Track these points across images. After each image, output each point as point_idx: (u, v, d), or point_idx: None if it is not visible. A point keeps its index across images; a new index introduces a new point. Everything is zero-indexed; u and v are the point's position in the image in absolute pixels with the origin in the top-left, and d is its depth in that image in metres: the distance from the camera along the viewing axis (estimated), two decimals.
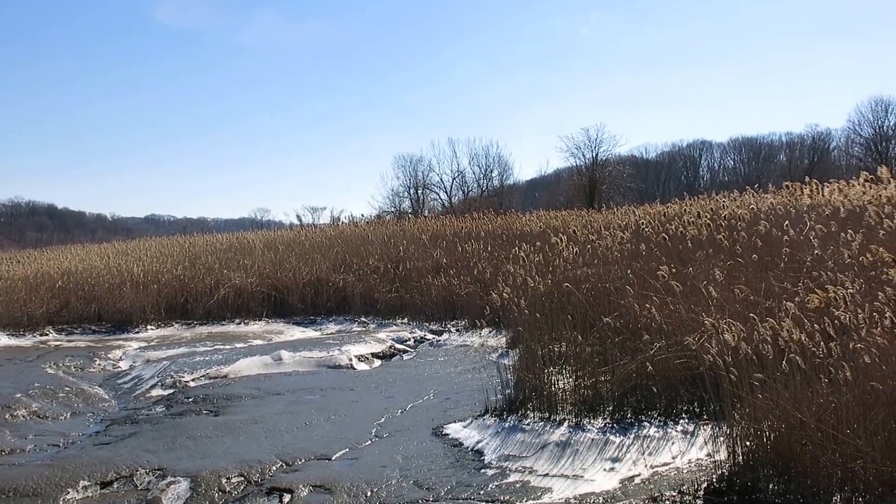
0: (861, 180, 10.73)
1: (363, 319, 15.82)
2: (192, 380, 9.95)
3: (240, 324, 15.98)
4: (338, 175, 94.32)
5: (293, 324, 15.85)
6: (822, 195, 11.06)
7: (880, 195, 9.24)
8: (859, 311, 5.29)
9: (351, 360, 11.01)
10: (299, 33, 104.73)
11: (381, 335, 13.14)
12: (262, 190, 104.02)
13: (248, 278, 17.43)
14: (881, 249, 6.04)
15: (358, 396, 8.75)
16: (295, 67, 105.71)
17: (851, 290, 5.60)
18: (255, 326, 15.63)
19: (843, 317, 5.27)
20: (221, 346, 12.60)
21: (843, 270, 6.33)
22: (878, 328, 5.03)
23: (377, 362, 11.26)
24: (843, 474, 4.67)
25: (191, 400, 8.82)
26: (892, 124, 53.42)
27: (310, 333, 14.48)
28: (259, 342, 13.24)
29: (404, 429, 7.15)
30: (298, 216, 47.00)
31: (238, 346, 12.67)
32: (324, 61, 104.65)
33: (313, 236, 22.89)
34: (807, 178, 12.45)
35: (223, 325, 15.98)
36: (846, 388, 4.86)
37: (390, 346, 12.17)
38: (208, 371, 10.33)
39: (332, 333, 14.31)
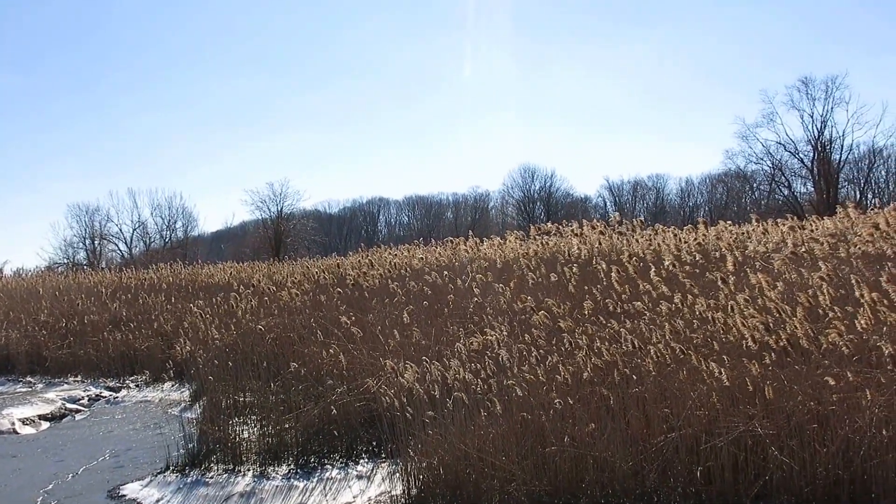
0: (513, 238, 12.27)
1: (29, 379, 14.25)
2: None
3: None
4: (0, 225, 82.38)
5: None
6: (482, 250, 12.35)
7: (532, 250, 10.62)
8: (514, 349, 6.07)
9: (13, 423, 9.86)
10: None
11: (51, 395, 11.92)
12: None
13: None
14: (528, 298, 6.99)
15: (22, 463, 7.90)
16: None
17: (505, 333, 6.40)
18: None
19: (501, 356, 6.02)
20: None
21: (499, 315, 7.20)
22: (527, 365, 5.83)
23: (45, 425, 10.20)
24: (502, 496, 5.30)
25: None
26: (537, 189, 61.84)
27: None
28: None
29: (76, 494, 6.62)
30: None
31: None
32: None
33: None
34: (470, 233, 13.80)
35: None
36: (502, 419, 5.54)
37: (61, 407, 11.09)
38: None
39: None
